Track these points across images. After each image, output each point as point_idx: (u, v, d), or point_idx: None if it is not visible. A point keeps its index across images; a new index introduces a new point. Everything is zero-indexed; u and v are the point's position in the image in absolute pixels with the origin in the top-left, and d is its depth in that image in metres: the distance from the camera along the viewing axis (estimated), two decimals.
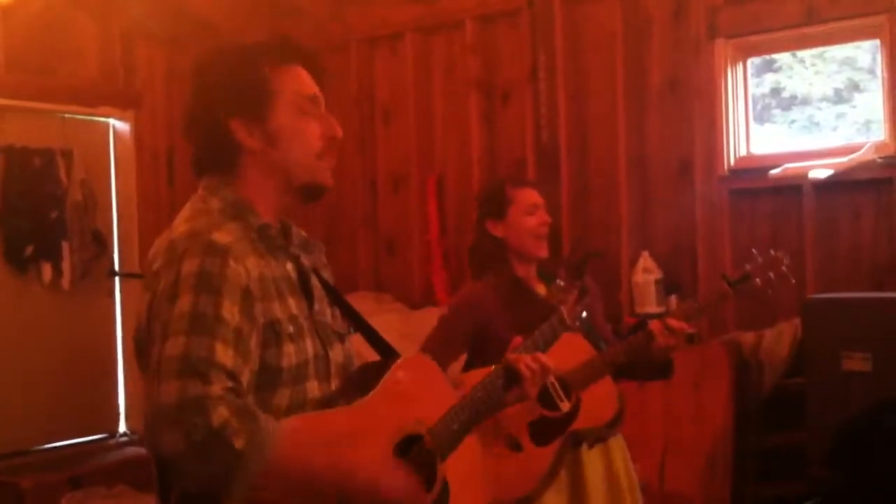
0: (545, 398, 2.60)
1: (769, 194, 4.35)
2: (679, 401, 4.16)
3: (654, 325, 2.61)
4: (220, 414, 1.36)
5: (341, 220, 5.49)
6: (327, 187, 1.68)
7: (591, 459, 2.70)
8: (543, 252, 2.80)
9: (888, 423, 3.31)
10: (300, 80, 1.67)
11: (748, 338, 4.21)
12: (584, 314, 2.23)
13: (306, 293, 1.65)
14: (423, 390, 1.72)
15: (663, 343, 2.58)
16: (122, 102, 5.32)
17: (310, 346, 1.60)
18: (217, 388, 1.38)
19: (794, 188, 4.24)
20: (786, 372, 4.13)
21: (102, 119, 5.33)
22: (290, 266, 1.64)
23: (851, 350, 3.66)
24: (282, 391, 1.55)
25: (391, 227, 5.44)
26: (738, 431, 4.12)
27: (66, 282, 5.03)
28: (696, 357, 4.20)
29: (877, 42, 4.23)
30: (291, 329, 1.57)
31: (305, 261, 1.69)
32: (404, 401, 1.66)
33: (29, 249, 4.93)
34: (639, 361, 2.66)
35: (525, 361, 1.97)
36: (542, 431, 2.62)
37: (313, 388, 1.59)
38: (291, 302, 1.60)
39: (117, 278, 5.34)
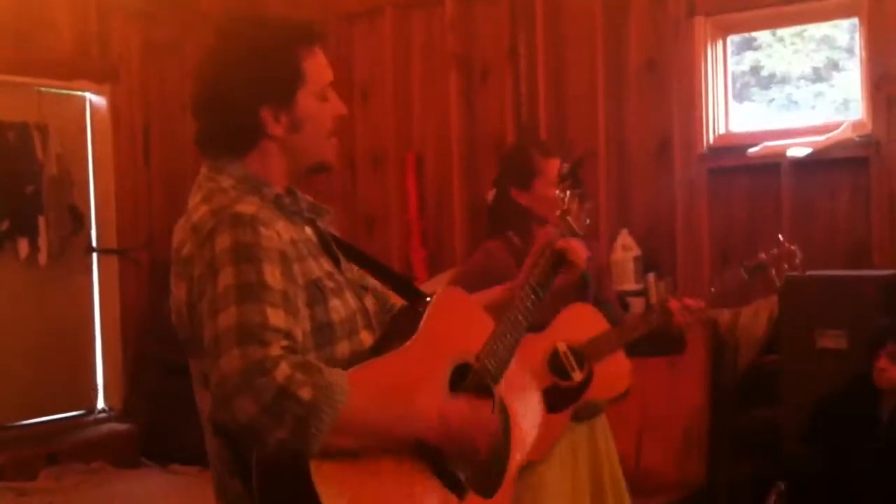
0: (557, 367, 2.62)
1: (747, 173, 4.37)
2: (655, 378, 4.17)
3: (672, 304, 2.64)
4: (283, 370, 1.38)
5: (319, 197, 5.44)
6: (333, 165, 1.73)
7: (580, 436, 2.72)
8: None
9: (861, 398, 3.34)
10: (322, 66, 1.69)
11: (725, 315, 4.24)
12: (588, 220, 2.23)
13: (330, 253, 1.69)
14: (462, 321, 1.78)
15: (682, 321, 2.62)
16: (97, 76, 5.27)
17: (350, 299, 1.65)
18: (276, 349, 1.41)
19: (772, 166, 4.25)
20: (761, 350, 4.16)
21: (78, 93, 5.28)
22: (308, 230, 1.68)
23: (826, 328, 3.69)
24: (341, 344, 1.60)
25: (370, 204, 5.42)
26: (713, 408, 4.15)
27: (42, 257, 5.00)
28: None
29: (855, 21, 4.25)
30: (332, 285, 1.62)
31: (320, 223, 1.72)
32: (447, 335, 1.71)
33: (4, 225, 4.89)
34: (655, 336, 2.69)
35: (571, 243, 2.02)
36: (554, 400, 2.58)
37: (366, 339, 1.65)
38: (322, 261, 1.64)
39: (95, 254, 5.31)
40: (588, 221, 2.23)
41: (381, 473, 1.51)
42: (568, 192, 2.18)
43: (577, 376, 2.62)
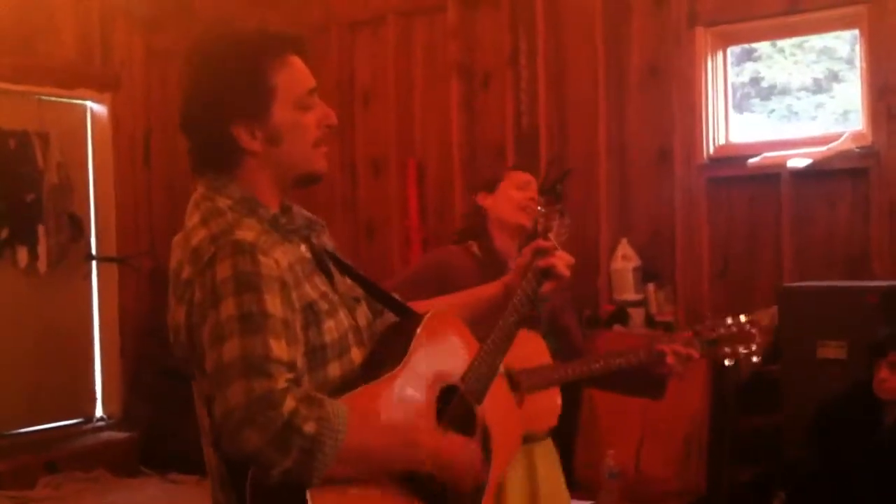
0: None
1: (747, 183, 4.38)
2: None
3: (664, 347, 2.42)
4: (288, 404, 1.41)
5: (320, 203, 5.47)
6: (322, 175, 1.71)
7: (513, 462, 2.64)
8: (524, 220, 2.75)
9: (863, 403, 3.34)
10: (298, 74, 1.66)
11: None
12: (566, 234, 2.15)
13: (324, 270, 1.70)
14: (449, 343, 1.82)
15: (678, 369, 2.40)
16: (99, 84, 5.27)
17: (343, 317, 1.67)
18: (281, 382, 1.43)
19: (772, 177, 4.26)
20: (762, 359, 4.16)
21: (80, 102, 5.27)
22: (303, 247, 1.68)
23: (826, 338, 3.70)
24: (332, 365, 1.62)
25: (371, 211, 5.43)
26: (714, 416, 4.16)
27: (42, 265, 5.00)
28: None
29: (856, 32, 4.26)
30: (326, 306, 1.63)
31: (314, 239, 1.72)
32: (436, 356, 1.75)
33: (4, 233, 4.89)
34: (633, 375, 2.51)
35: (558, 256, 2.00)
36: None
37: (357, 356, 1.67)
38: (317, 280, 1.65)
39: (94, 262, 5.31)
40: (566, 235, 2.20)
41: (372, 496, 1.56)
42: (544, 209, 2.17)
43: None
